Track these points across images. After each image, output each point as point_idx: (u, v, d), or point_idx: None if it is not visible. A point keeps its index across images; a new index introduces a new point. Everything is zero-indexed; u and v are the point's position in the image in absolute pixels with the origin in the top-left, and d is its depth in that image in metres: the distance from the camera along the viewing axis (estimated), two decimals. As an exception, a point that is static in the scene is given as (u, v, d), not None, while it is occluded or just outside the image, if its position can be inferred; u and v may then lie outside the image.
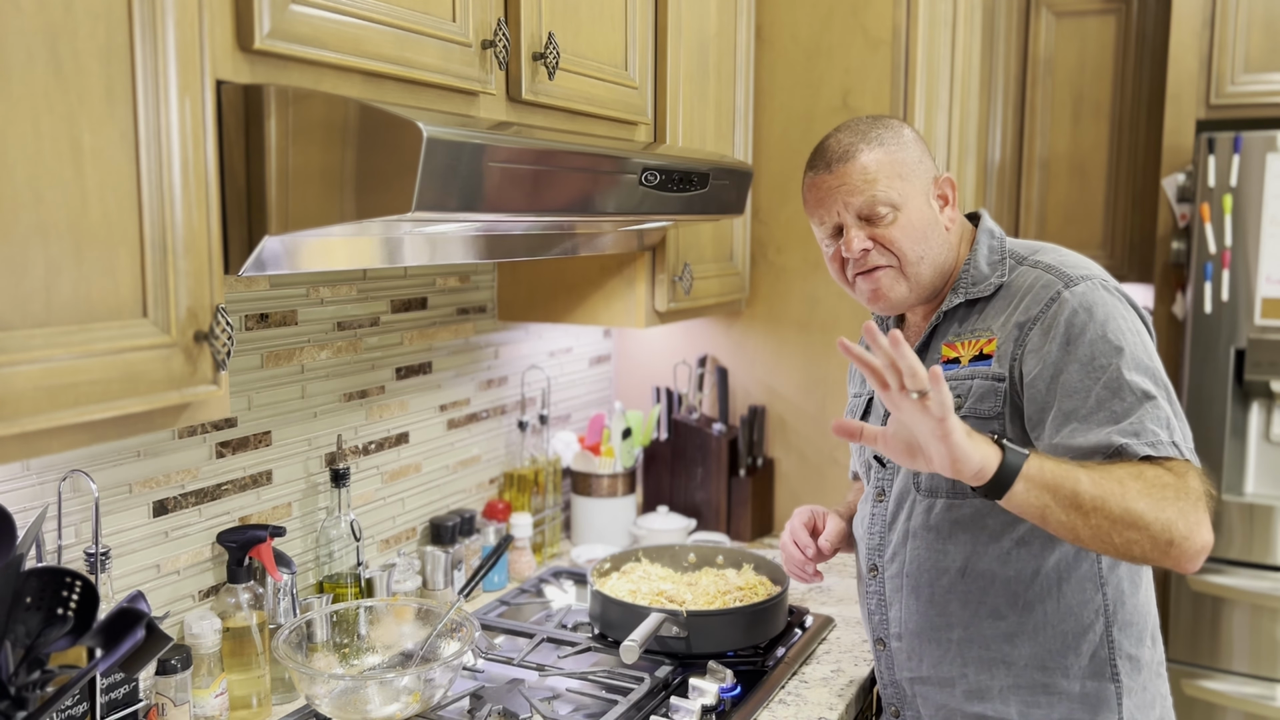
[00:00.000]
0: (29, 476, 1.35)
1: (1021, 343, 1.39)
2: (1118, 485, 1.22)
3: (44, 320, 0.93)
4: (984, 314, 1.46)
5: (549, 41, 1.56)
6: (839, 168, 1.45)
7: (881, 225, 1.44)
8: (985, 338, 1.43)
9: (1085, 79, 3.29)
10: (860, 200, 1.43)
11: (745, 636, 1.79)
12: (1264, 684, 2.81)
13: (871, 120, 1.49)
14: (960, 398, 1.42)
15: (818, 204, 1.48)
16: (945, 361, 1.46)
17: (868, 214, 1.44)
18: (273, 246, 1.20)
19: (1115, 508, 1.21)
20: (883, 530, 1.55)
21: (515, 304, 2.22)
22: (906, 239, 1.44)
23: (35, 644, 1.10)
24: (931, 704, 1.52)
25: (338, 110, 1.10)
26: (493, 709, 1.57)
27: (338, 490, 1.79)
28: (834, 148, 1.46)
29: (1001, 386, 1.39)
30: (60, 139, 0.94)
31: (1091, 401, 1.31)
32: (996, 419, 1.39)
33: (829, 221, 1.47)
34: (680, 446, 2.49)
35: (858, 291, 1.50)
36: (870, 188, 1.43)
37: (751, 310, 2.53)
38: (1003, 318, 1.43)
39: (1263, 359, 2.74)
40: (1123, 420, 1.29)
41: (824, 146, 1.48)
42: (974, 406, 1.41)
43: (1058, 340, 1.35)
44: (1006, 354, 1.40)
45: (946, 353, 1.47)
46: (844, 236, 1.46)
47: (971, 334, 1.45)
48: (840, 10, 2.35)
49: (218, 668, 1.51)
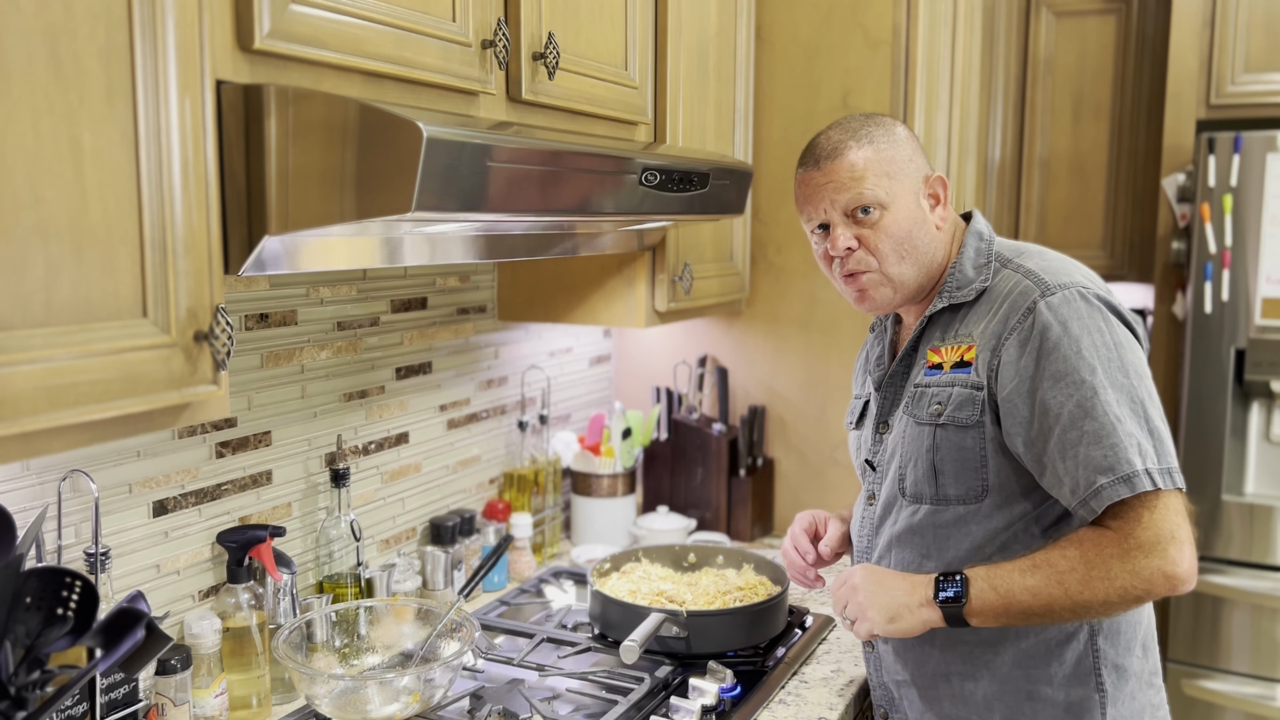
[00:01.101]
0: (29, 476, 1.35)
1: (998, 353, 1.37)
2: (1058, 586, 1.29)
3: (44, 320, 0.93)
4: (967, 319, 1.45)
5: (549, 41, 1.56)
6: (827, 165, 1.44)
7: (867, 224, 1.43)
8: (967, 344, 1.42)
9: (1085, 79, 3.29)
10: (846, 198, 1.43)
11: (745, 636, 1.79)
12: (1264, 684, 2.81)
13: (864, 118, 1.49)
14: (940, 405, 1.42)
15: (806, 200, 1.48)
16: (929, 366, 1.46)
17: (853, 212, 1.43)
18: (273, 246, 1.20)
19: (1064, 608, 1.30)
20: (871, 533, 1.55)
21: (515, 304, 2.22)
22: (891, 239, 1.43)
23: (35, 644, 1.10)
24: (916, 708, 1.52)
25: (338, 110, 1.10)
26: (493, 709, 1.57)
27: (338, 490, 1.79)
28: (824, 145, 1.46)
29: (980, 395, 1.38)
30: (60, 139, 0.94)
31: (1065, 420, 1.30)
32: (975, 427, 1.39)
33: (816, 218, 1.47)
34: (680, 446, 2.49)
35: (846, 291, 1.50)
36: (857, 185, 1.42)
37: (751, 310, 2.53)
38: (983, 324, 1.42)
39: (1263, 359, 2.74)
40: (1096, 447, 1.29)
41: (815, 143, 1.48)
42: (953, 414, 1.40)
43: (1032, 355, 1.34)
44: (984, 363, 1.39)
45: (931, 358, 1.46)
46: (830, 234, 1.46)
47: (954, 339, 1.44)
48: (840, 10, 2.35)
49: (218, 668, 1.51)
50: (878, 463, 1.55)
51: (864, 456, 1.59)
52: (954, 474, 1.41)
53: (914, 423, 1.46)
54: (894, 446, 1.50)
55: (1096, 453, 1.28)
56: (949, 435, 1.40)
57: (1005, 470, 1.39)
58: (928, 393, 1.44)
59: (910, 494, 1.47)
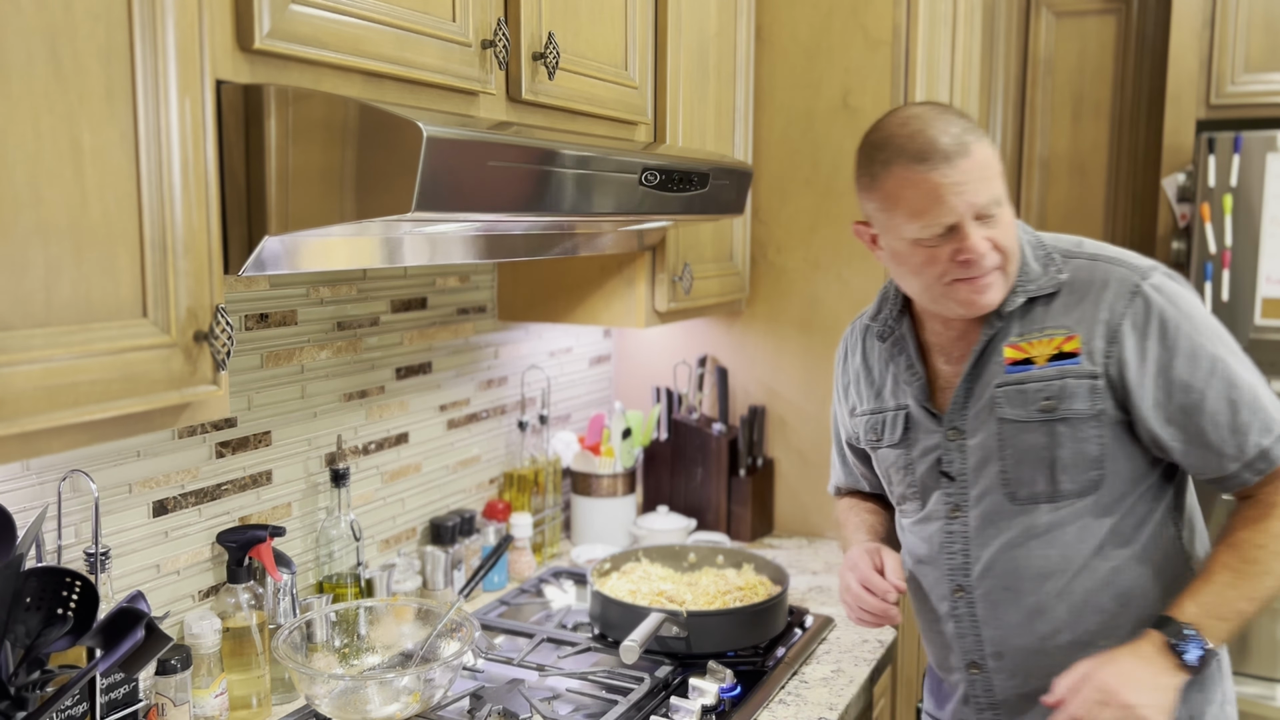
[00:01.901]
0: (29, 476, 1.35)
1: (1116, 340, 1.36)
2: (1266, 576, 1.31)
3: (44, 320, 0.93)
4: (1049, 311, 1.41)
5: (549, 41, 1.56)
6: (960, 162, 1.31)
7: (992, 224, 1.34)
8: (1062, 335, 1.39)
9: (1085, 79, 3.29)
10: (986, 197, 1.32)
11: (745, 636, 1.79)
12: (1264, 684, 2.81)
13: (949, 108, 1.38)
14: (1052, 399, 1.38)
15: (933, 202, 1.32)
16: (1013, 363, 1.41)
17: (986, 212, 1.33)
18: (273, 246, 1.20)
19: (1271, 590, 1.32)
20: (966, 547, 1.47)
21: (515, 304, 2.22)
22: (1009, 235, 1.37)
23: (35, 644, 1.10)
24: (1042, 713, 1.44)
25: (338, 110, 1.10)
26: (493, 709, 1.57)
27: (338, 490, 1.79)
28: (943, 141, 1.32)
29: (1099, 384, 1.36)
30: (60, 139, 0.94)
31: (1212, 393, 1.34)
32: (1094, 417, 1.36)
33: (944, 220, 1.32)
34: (680, 446, 2.49)
35: (953, 297, 1.38)
36: (992, 182, 1.33)
37: (751, 310, 2.53)
38: (1076, 314, 1.39)
39: (1263, 359, 2.74)
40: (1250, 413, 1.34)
41: (929, 140, 1.32)
42: (1070, 407, 1.37)
43: (1155, 336, 1.35)
44: (1098, 351, 1.37)
45: (1012, 354, 1.41)
46: (960, 236, 1.33)
47: (1040, 332, 1.40)
48: (840, 10, 2.35)
49: (217, 668, 1.51)
50: (957, 472, 1.47)
51: (927, 467, 1.50)
52: (1072, 468, 1.38)
53: (1013, 421, 1.41)
54: (985, 451, 1.44)
55: (1253, 418, 1.33)
56: (1067, 429, 1.37)
57: (1120, 458, 1.38)
58: (1029, 388, 1.39)
59: (1023, 496, 1.41)
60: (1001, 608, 1.45)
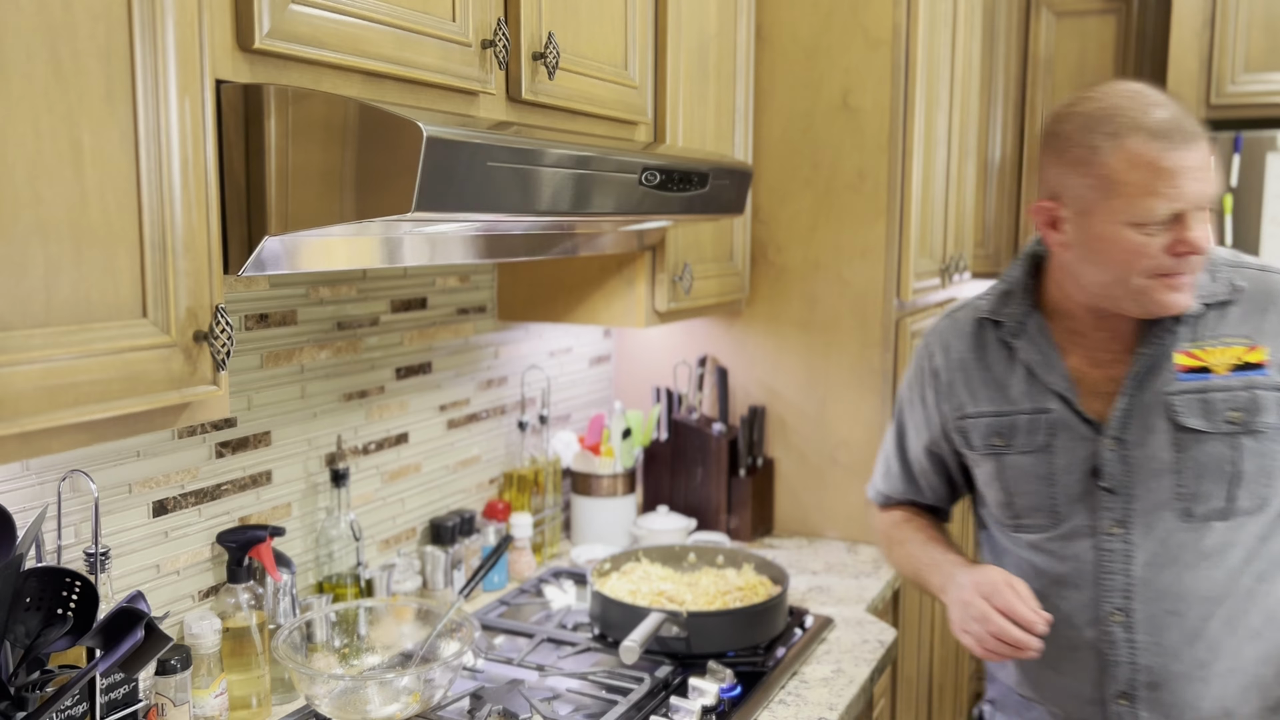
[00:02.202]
0: (29, 476, 1.35)
1: None
2: None
3: (44, 320, 0.93)
4: (1224, 319, 1.35)
5: (549, 41, 1.56)
6: (1197, 145, 1.21)
7: (1205, 222, 1.26)
8: (1243, 344, 1.33)
9: (1085, 79, 3.29)
10: (1213, 192, 1.24)
11: (745, 637, 1.79)
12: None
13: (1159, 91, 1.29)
14: (1240, 411, 1.31)
15: (1171, 181, 1.20)
16: (1188, 370, 1.33)
17: (1207, 208, 1.25)
18: (273, 246, 1.20)
19: None
20: (1128, 566, 1.36)
21: (515, 304, 2.23)
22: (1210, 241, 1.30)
23: (35, 644, 1.10)
24: None
25: (337, 110, 1.10)
26: (493, 709, 1.57)
27: (337, 490, 1.79)
28: (1179, 120, 1.21)
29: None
30: (60, 139, 0.94)
31: None
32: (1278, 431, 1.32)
33: (1177, 203, 1.22)
34: (680, 446, 2.49)
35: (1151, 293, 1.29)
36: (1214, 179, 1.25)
37: (751, 310, 2.53)
38: (1253, 324, 1.34)
39: (1263, 359, 2.74)
40: None
41: (1171, 113, 1.22)
42: (1261, 420, 1.32)
43: None
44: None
45: (1185, 361, 1.34)
46: (1183, 226, 1.24)
47: (1216, 340, 1.33)
48: (840, 10, 2.35)
49: (217, 668, 1.51)
50: (1118, 485, 1.36)
51: (1081, 477, 1.39)
52: (1253, 483, 1.32)
53: (1194, 432, 1.33)
54: (1156, 462, 1.35)
55: None
56: (1252, 442, 1.32)
57: None
58: (1214, 398, 1.33)
59: (1199, 513, 1.33)
60: (1165, 633, 1.35)
